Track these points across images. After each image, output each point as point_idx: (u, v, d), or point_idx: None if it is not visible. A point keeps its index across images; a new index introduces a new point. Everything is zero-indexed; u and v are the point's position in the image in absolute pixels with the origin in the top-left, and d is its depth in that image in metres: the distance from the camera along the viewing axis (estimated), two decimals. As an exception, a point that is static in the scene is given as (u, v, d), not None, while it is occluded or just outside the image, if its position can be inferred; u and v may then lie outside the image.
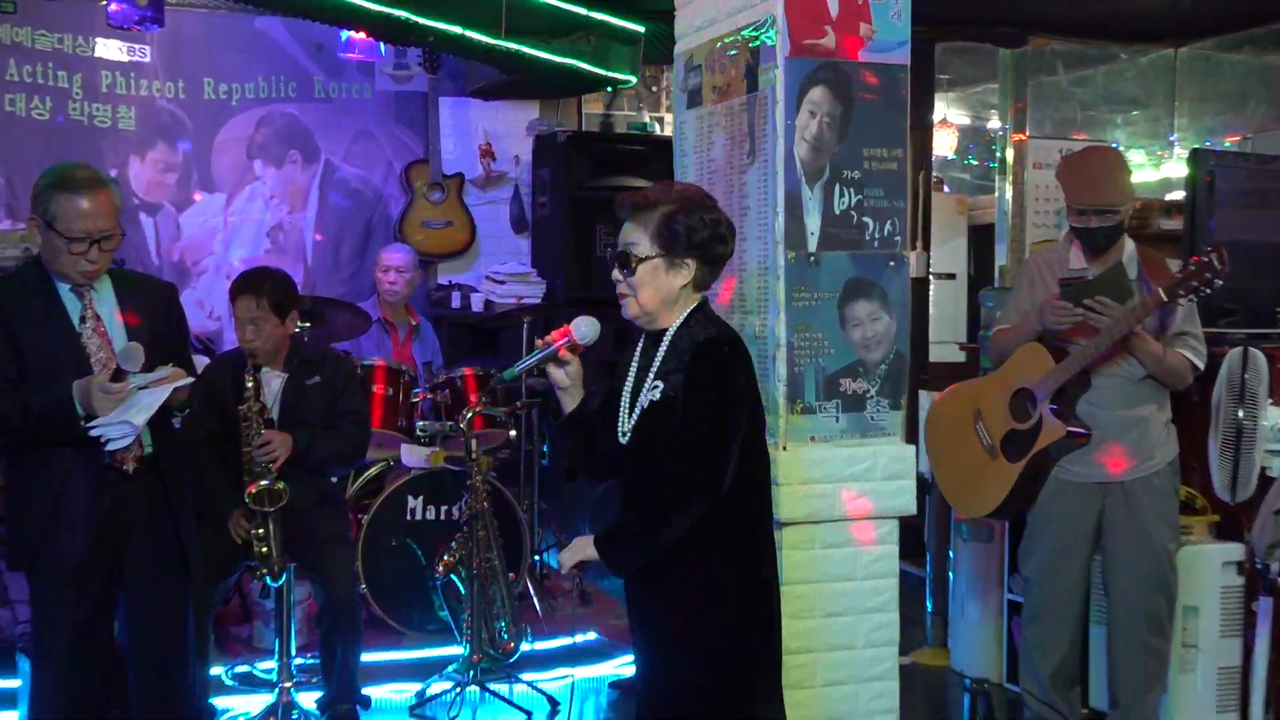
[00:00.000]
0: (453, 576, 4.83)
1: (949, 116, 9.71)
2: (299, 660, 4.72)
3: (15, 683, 4.46)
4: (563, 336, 3.03)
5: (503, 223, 7.58)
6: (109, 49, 6.79)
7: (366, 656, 4.67)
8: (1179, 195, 6.67)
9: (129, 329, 3.60)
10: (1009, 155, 7.90)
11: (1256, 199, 5.13)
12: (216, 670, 4.80)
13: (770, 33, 3.84)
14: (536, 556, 5.92)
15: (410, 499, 5.39)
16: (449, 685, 4.71)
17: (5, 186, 6.58)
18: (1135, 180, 4.27)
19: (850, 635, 3.92)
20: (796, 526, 3.84)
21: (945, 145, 9.53)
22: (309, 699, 4.58)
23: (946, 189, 9.65)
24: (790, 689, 3.78)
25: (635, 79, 6.96)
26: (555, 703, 4.77)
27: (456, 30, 5.91)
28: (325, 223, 7.30)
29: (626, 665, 4.97)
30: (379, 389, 5.57)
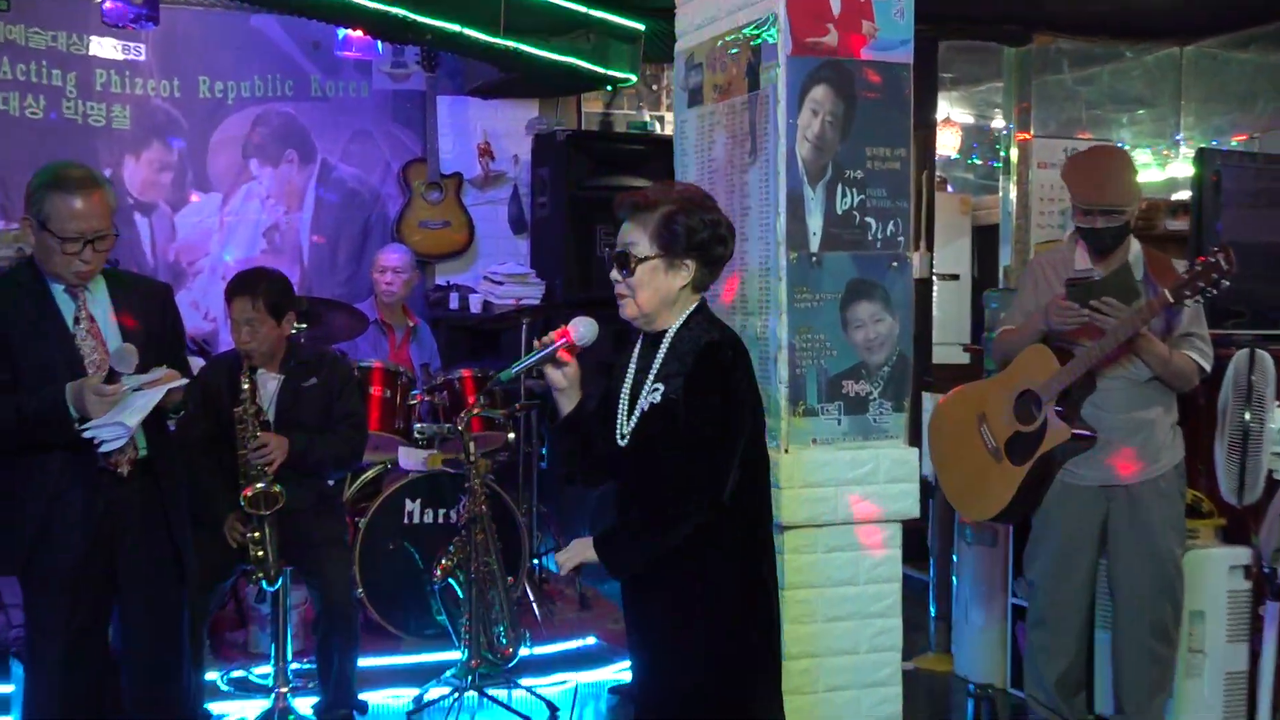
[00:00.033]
0: (451, 580, 4.83)
1: (952, 115, 9.70)
2: (295, 665, 4.72)
3: (8, 688, 4.45)
4: (561, 338, 3.03)
5: (501, 223, 7.57)
6: (103, 47, 6.79)
7: (363, 661, 4.67)
8: (1185, 195, 6.66)
9: (123, 330, 3.60)
10: (1013, 155, 7.89)
11: (1264, 199, 5.14)
12: (212, 676, 4.81)
13: (772, 30, 3.84)
14: (535, 560, 5.92)
15: (408, 502, 5.40)
16: (447, 691, 4.70)
17: (-2, 186, 6.59)
18: (1141, 180, 4.27)
19: (853, 640, 3.92)
20: (798, 530, 3.84)
21: (949, 144, 9.51)
22: (305, 704, 4.58)
23: (950, 189, 9.64)
24: (792, 695, 3.78)
25: (635, 77, 6.96)
26: (554, 708, 4.76)
27: (455, 28, 5.91)
28: (322, 223, 7.30)
29: (626, 670, 4.95)
30: (376, 391, 5.57)
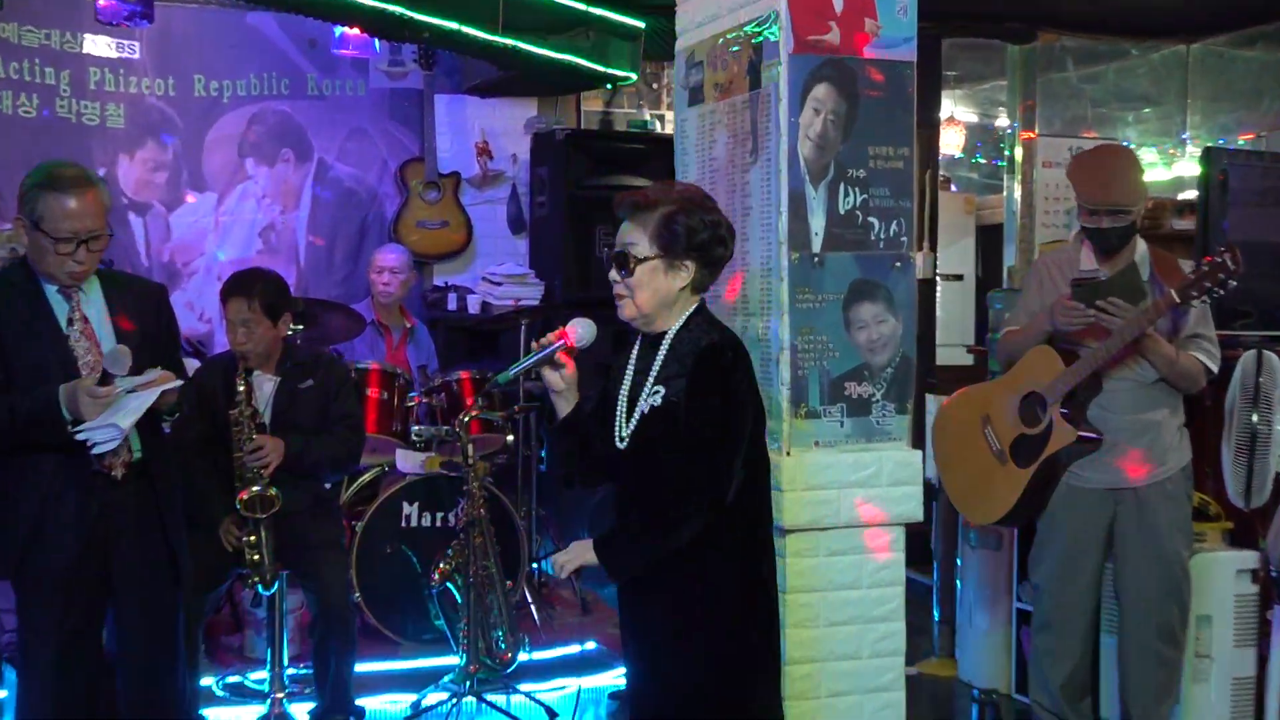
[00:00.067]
0: (449, 584, 4.83)
1: (956, 114, 9.71)
2: (291, 670, 4.71)
3: (1, 693, 4.46)
4: (559, 339, 3.03)
5: (500, 223, 7.57)
6: (97, 45, 6.78)
7: (361, 666, 4.67)
8: (1191, 194, 6.67)
9: (118, 331, 3.60)
10: (1018, 154, 7.90)
11: (1270, 198, 5.14)
12: (207, 681, 4.81)
13: (773, 28, 3.84)
14: (534, 564, 5.91)
15: (405, 505, 5.39)
16: (445, 696, 4.70)
17: (-9, 186, 6.58)
18: (1147, 179, 4.27)
19: (855, 645, 3.91)
20: (800, 533, 3.84)
21: (952, 143, 9.51)
22: (302, 710, 4.58)
23: (954, 188, 9.65)
24: (794, 700, 3.79)
25: (635, 76, 6.96)
26: (554, 714, 4.76)
27: (453, 26, 5.91)
28: (318, 223, 7.29)
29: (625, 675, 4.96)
30: (373, 393, 5.58)
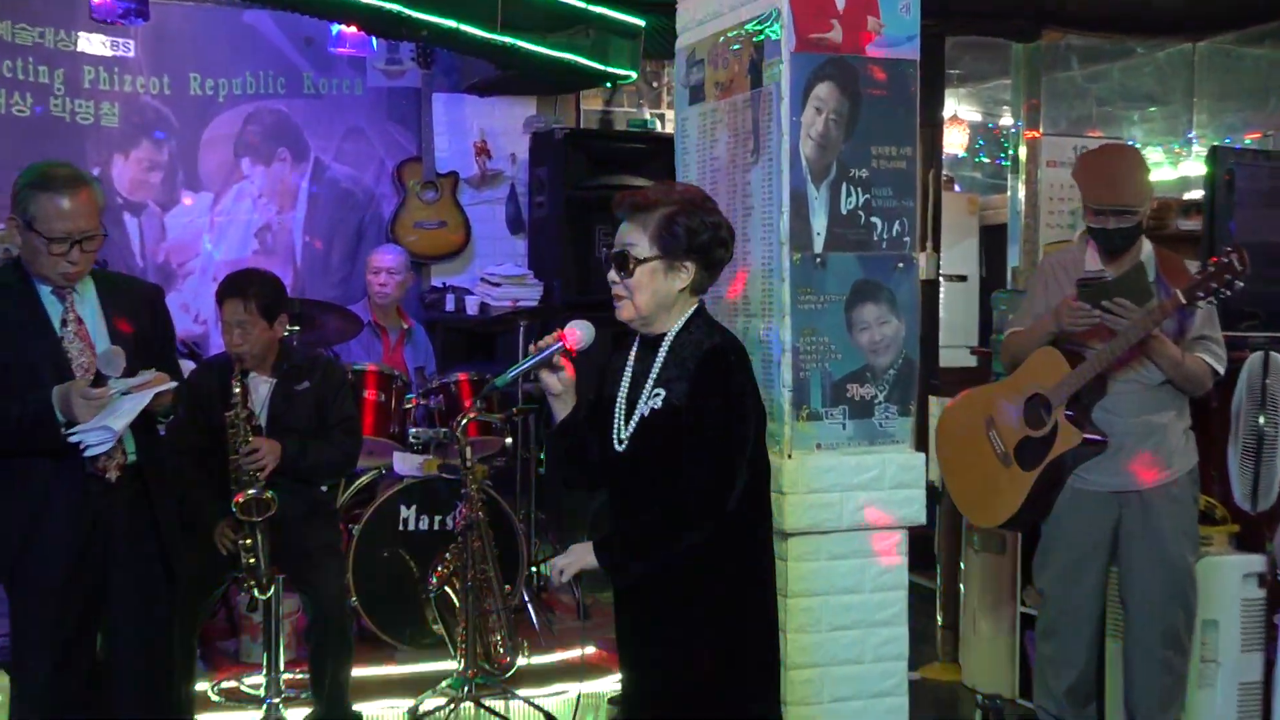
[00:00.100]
0: (447, 589, 4.83)
1: (960, 113, 9.72)
2: (288, 676, 4.71)
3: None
4: (557, 342, 3.03)
5: (498, 223, 7.57)
6: (92, 43, 6.79)
7: (357, 672, 4.67)
8: (1198, 194, 6.66)
9: (112, 333, 3.60)
10: (1022, 153, 7.90)
11: (1278, 198, 5.13)
12: (202, 686, 4.80)
13: (775, 26, 3.84)
14: (533, 568, 5.91)
15: (403, 508, 5.39)
16: (443, 701, 4.71)
17: (-16, 185, 6.59)
18: (1152, 179, 4.27)
19: (858, 650, 3.91)
20: (802, 537, 3.84)
21: (956, 143, 9.53)
22: (298, 716, 4.58)
23: (957, 188, 9.66)
24: (796, 705, 3.79)
25: (635, 74, 6.96)
26: (553, 719, 4.76)
27: (451, 24, 5.91)
28: (315, 223, 7.29)
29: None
30: (370, 395, 5.58)
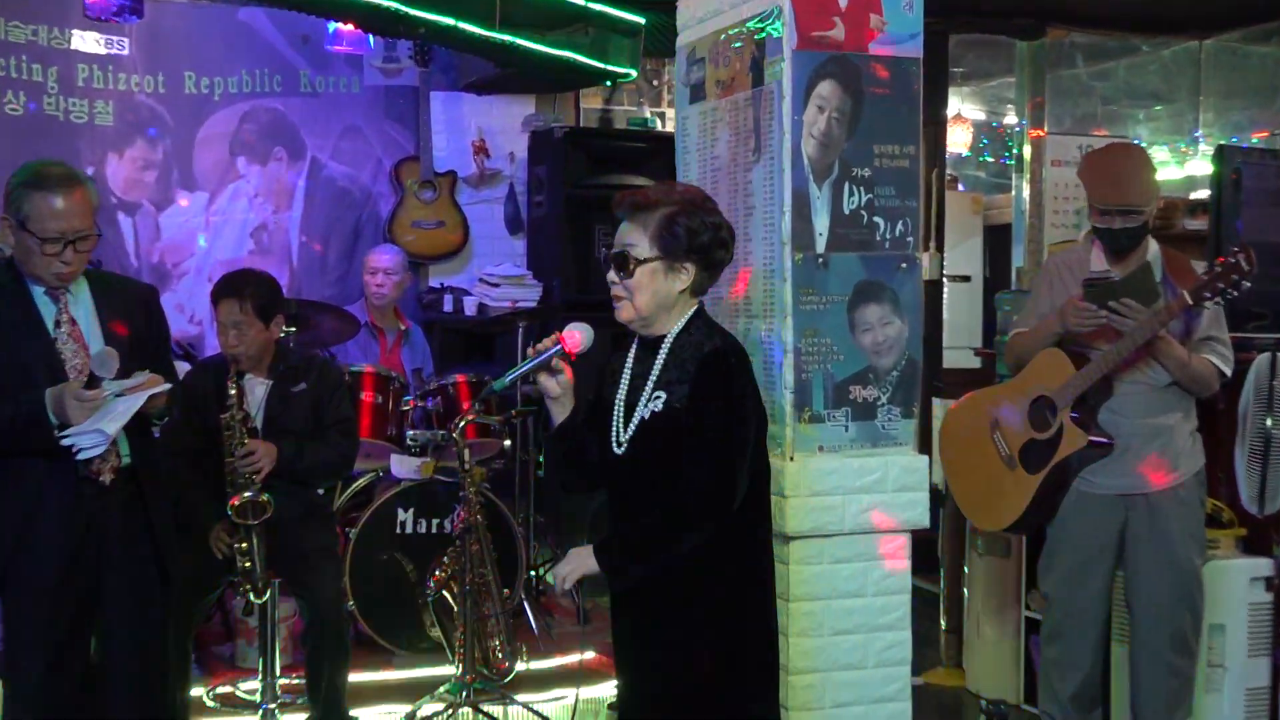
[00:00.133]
0: (445, 593, 4.82)
1: (964, 112, 9.73)
2: (284, 680, 4.72)
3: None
4: (556, 344, 3.03)
5: (497, 223, 7.57)
6: (86, 41, 6.78)
7: (354, 676, 4.67)
8: (1204, 194, 6.66)
9: (106, 334, 3.60)
10: (1026, 152, 7.90)
11: (1285, 198, 5.14)
12: (197, 691, 4.80)
13: (776, 24, 3.84)
14: (532, 572, 5.91)
15: (400, 511, 5.39)
16: (441, 707, 4.70)
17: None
18: (1159, 178, 4.27)
19: (860, 654, 3.91)
20: (804, 540, 3.84)
21: (960, 142, 9.54)
22: (294, 721, 4.59)
23: (961, 187, 9.66)
24: (797, 710, 3.79)
25: (635, 72, 6.96)
26: (552, 725, 4.77)
27: (449, 21, 5.91)
28: (311, 223, 7.29)
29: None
30: (367, 396, 5.58)
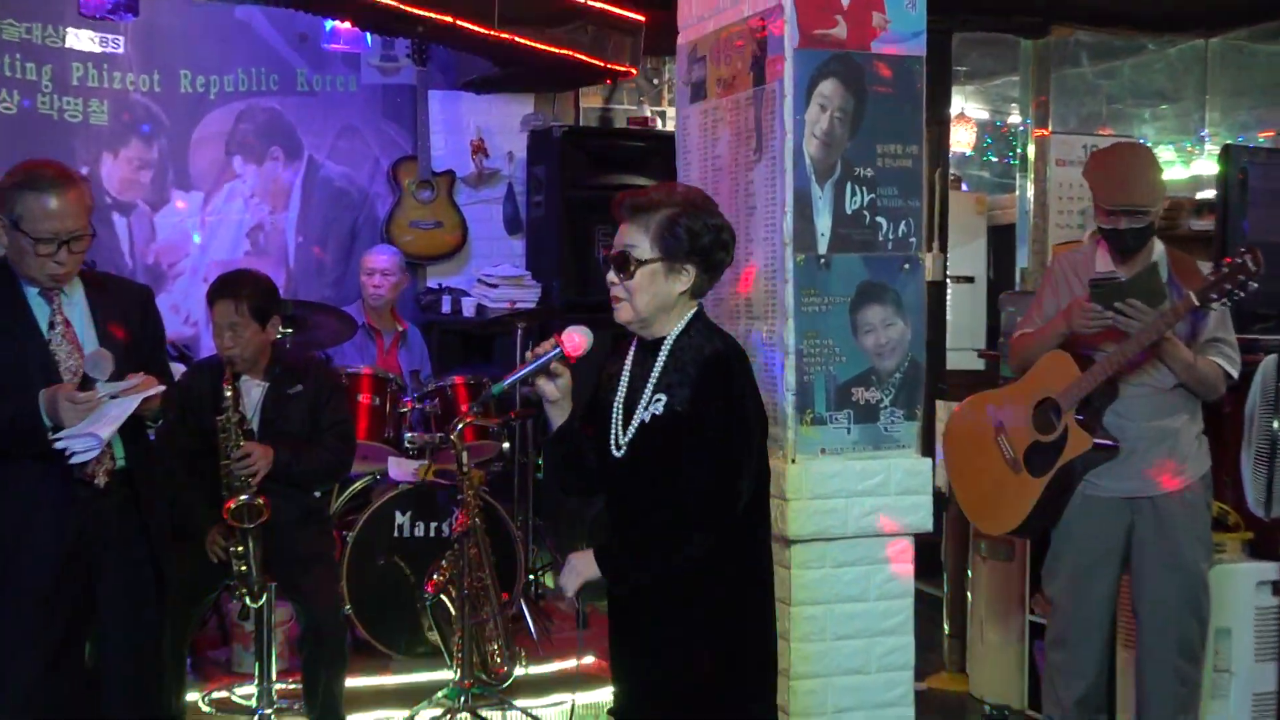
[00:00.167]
0: (442, 597, 4.82)
1: (967, 111, 9.72)
2: (280, 686, 4.71)
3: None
4: (555, 347, 3.02)
5: (496, 223, 7.56)
6: (80, 39, 6.77)
7: (351, 682, 4.66)
8: (1210, 194, 6.67)
9: (101, 335, 3.59)
10: (1030, 151, 7.89)
11: (1292, 198, 5.13)
12: (193, 696, 4.80)
13: (778, 22, 3.84)
14: (531, 575, 5.91)
15: (398, 515, 5.39)
16: (439, 712, 4.70)
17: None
18: (1165, 178, 4.27)
19: (863, 659, 3.91)
20: (806, 544, 3.84)
21: (963, 141, 9.53)
22: (290, 727, 4.59)
23: (964, 187, 9.64)
24: (800, 716, 3.79)
25: (635, 71, 6.96)
26: (551, 731, 4.77)
27: (447, 19, 5.91)
28: (308, 223, 7.28)
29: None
30: (365, 398, 5.57)
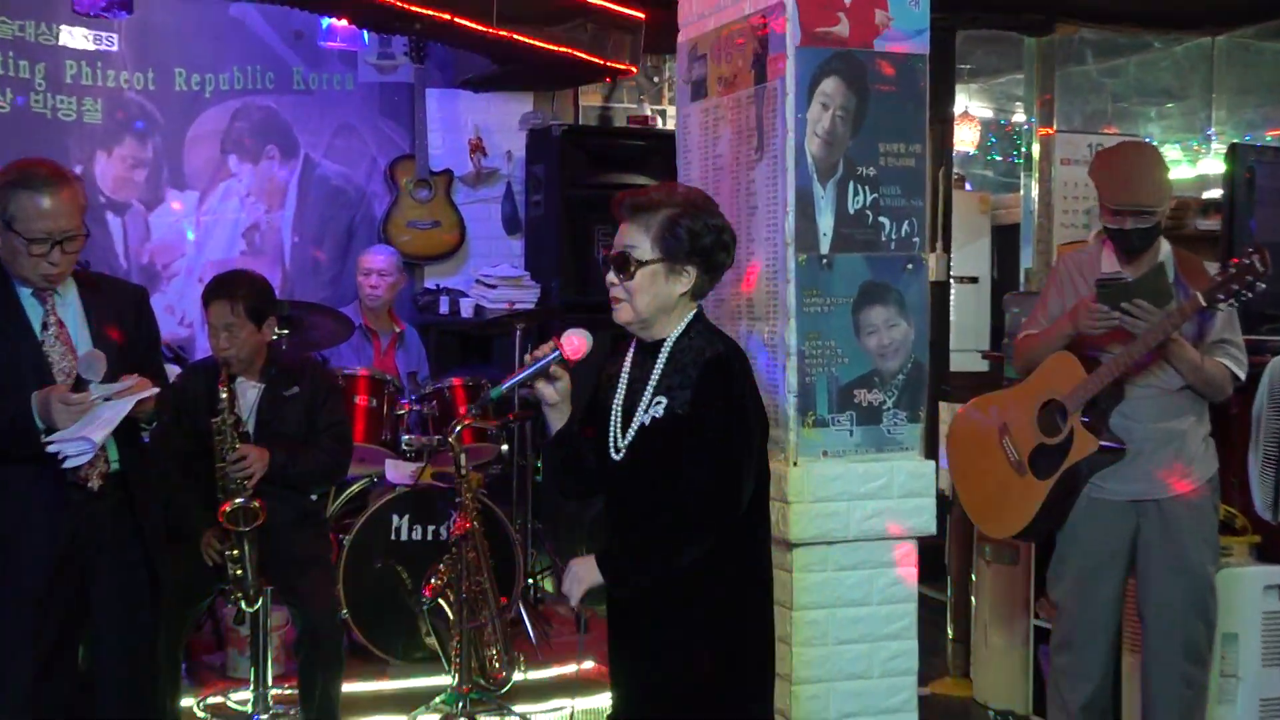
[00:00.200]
0: (440, 601, 4.82)
1: (971, 109, 9.72)
2: (276, 691, 4.71)
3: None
4: (554, 350, 3.02)
5: (494, 222, 7.57)
6: (74, 37, 6.78)
7: (348, 687, 4.66)
8: (1217, 193, 6.66)
9: (95, 336, 3.59)
10: (1035, 150, 7.90)
11: (1300, 197, 5.13)
12: (188, 701, 4.79)
13: (780, 20, 3.84)
14: (530, 580, 5.91)
15: (395, 518, 5.38)
16: (436, 718, 4.70)
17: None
18: (1171, 177, 4.26)
19: (865, 664, 3.91)
20: (808, 547, 3.83)
21: (967, 140, 9.53)
22: (286, 732, 4.58)
23: (968, 187, 9.64)
24: (802, 722, 3.78)
25: (636, 69, 6.96)
26: (550, 736, 4.77)
27: (445, 17, 5.91)
28: (304, 223, 7.29)
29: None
30: (362, 400, 5.57)
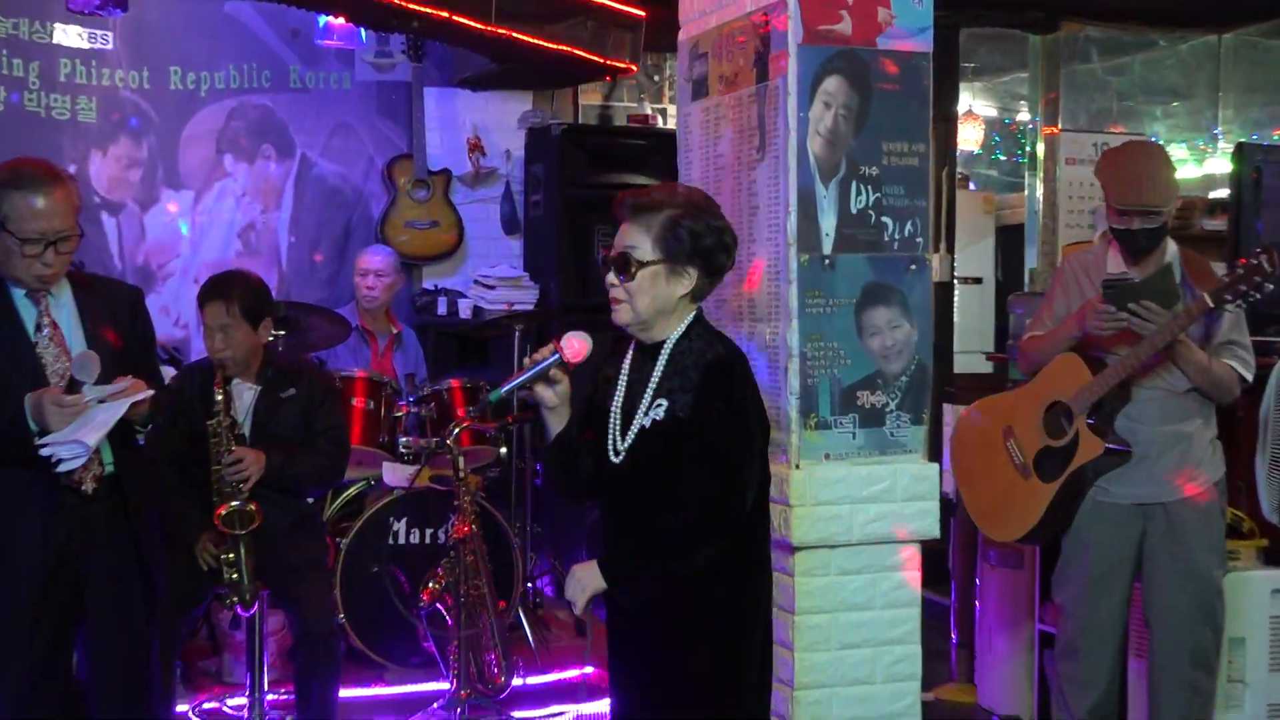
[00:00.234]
0: (438, 605, 4.81)
1: (975, 108, 9.71)
2: (272, 696, 4.71)
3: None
4: (554, 353, 3.02)
5: (493, 223, 7.56)
6: (68, 35, 6.77)
7: (345, 692, 4.67)
8: (1223, 193, 6.67)
9: (89, 338, 3.59)
10: (1040, 150, 7.90)
11: (1307, 197, 5.13)
12: (183, 707, 4.80)
13: (781, 18, 3.84)
14: (529, 584, 5.90)
15: (393, 521, 5.38)
16: (434, 723, 4.71)
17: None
18: (1177, 177, 4.26)
19: (869, 669, 3.90)
20: (810, 551, 3.83)
21: (971, 139, 9.52)
22: (282, 738, 4.58)
23: (972, 186, 9.65)
24: (804, 728, 3.78)
25: (636, 67, 6.96)
26: (549, 742, 4.77)
27: (443, 14, 5.91)
28: (301, 223, 7.28)
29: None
30: (359, 402, 5.57)
